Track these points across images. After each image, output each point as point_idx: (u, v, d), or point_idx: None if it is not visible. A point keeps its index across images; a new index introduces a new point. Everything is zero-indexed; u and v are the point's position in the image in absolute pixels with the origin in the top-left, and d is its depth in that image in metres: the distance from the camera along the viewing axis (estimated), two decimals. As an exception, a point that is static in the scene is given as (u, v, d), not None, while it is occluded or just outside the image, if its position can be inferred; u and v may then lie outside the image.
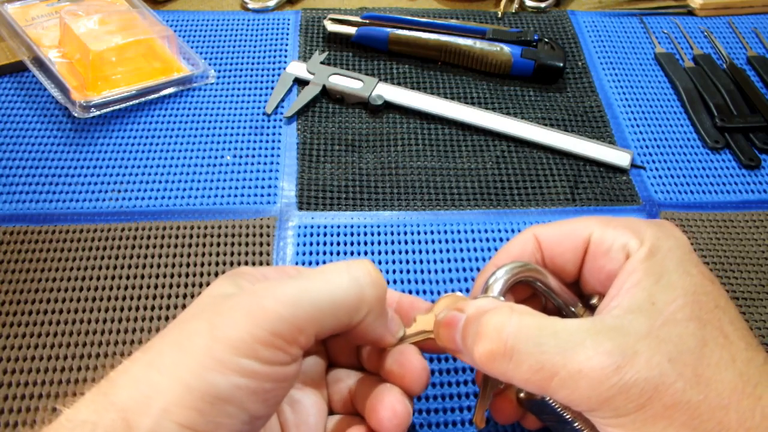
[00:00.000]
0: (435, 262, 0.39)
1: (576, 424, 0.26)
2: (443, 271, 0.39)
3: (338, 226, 0.41)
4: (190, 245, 0.39)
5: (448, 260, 0.39)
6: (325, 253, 0.39)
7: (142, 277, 0.37)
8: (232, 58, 0.52)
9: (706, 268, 0.26)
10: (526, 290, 0.30)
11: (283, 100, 0.48)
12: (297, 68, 0.50)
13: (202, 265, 0.38)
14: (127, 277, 0.37)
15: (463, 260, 0.40)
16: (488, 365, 0.24)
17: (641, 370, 0.21)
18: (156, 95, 0.48)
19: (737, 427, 0.21)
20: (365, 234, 0.40)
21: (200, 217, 0.41)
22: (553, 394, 0.23)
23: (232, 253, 0.39)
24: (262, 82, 0.50)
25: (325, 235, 0.40)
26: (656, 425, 0.21)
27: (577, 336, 0.22)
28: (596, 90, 0.51)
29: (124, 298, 0.36)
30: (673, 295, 0.24)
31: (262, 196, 0.42)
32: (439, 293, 0.38)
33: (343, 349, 0.30)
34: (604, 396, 0.21)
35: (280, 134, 0.46)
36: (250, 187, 0.43)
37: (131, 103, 0.47)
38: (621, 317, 0.23)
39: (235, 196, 0.42)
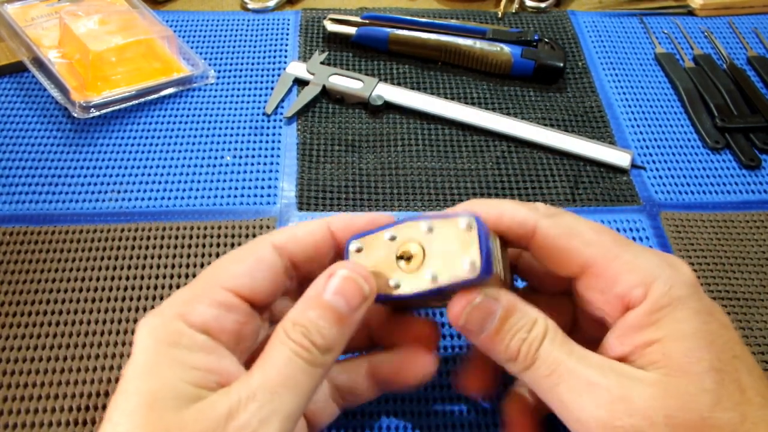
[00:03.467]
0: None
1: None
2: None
3: (338, 227, 0.41)
4: (190, 246, 0.39)
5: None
6: (325, 254, 0.39)
7: (142, 277, 0.37)
8: (232, 59, 0.52)
9: (719, 310, 0.24)
10: None
11: (283, 100, 0.48)
12: (297, 68, 0.50)
13: (202, 266, 0.38)
14: (127, 278, 0.37)
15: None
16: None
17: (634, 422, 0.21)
18: (156, 95, 0.48)
19: None
20: (365, 234, 0.40)
21: (200, 217, 0.41)
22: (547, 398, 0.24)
23: (226, 254, 0.39)
24: (262, 82, 0.50)
25: (325, 235, 0.40)
26: None
27: (588, 377, 0.23)
28: (596, 90, 0.51)
29: (124, 299, 0.36)
30: (689, 346, 0.22)
31: (262, 196, 0.42)
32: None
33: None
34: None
35: (280, 134, 0.46)
36: (250, 188, 0.43)
37: (131, 103, 0.46)
38: (631, 371, 0.23)
39: (235, 196, 0.42)
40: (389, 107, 0.48)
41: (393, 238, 0.26)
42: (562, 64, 0.50)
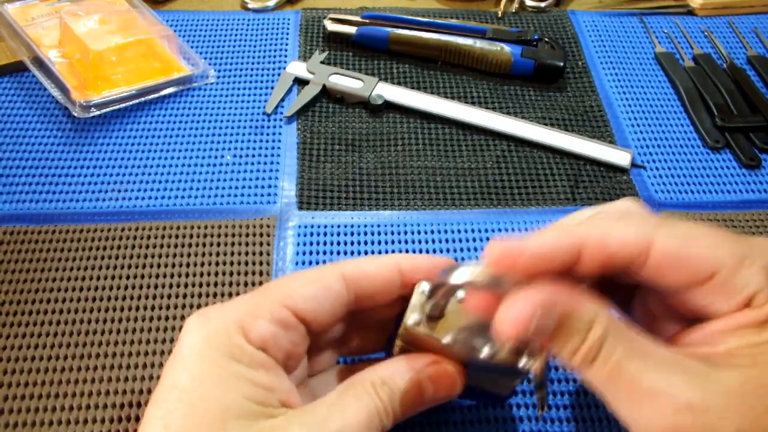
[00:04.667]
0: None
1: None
2: (443, 271, 0.39)
3: (338, 226, 0.41)
4: (190, 245, 0.39)
5: (449, 260, 0.39)
6: (325, 253, 0.39)
7: (142, 277, 0.37)
8: (232, 58, 0.52)
9: None
10: None
11: (283, 99, 0.48)
12: (297, 68, 0.50)
13: (202, 264, 0.38)
14: (127, 277, 0.37)
15: (463, 259, 0.39)
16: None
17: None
18: (156, 95, 0.48)
19: None
20: (365, 234, 0.40)
21: (200, 217, 0.41)
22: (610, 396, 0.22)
23: (233, 253, 0.39)
24: (262, 81, 0.50)
25: (325, 234, 0.40)
26: None
27: (665, 368, 0.21)
28: (596, 89, 0.51)
29: (124, 298, 0.36)
30: None
31: (262, 195, 0.42)
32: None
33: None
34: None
35: (280, 134, 0.46)
36: (250, 187, 0.43)
37: (131, 102, 0.46)
38: (703, 370, 0.21)
39: (235, 195, 0.42)
40: (389, 107, 0.48)
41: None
42: (562, 64, 0.50)
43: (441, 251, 0.40)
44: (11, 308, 0.36)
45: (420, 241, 0.40)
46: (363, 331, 0.29)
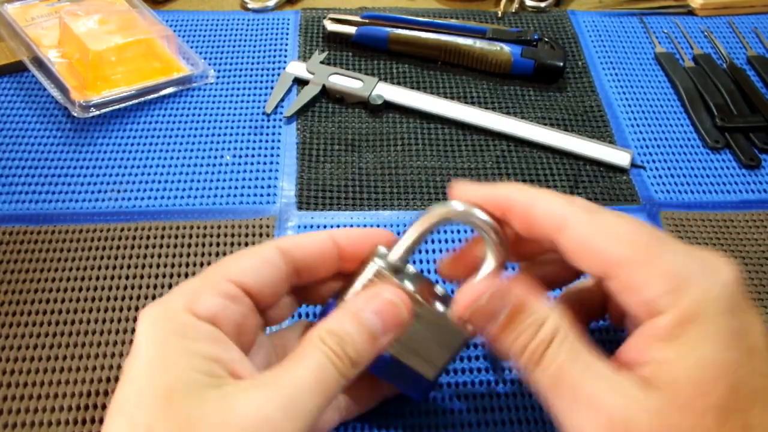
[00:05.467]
0: (435, 261, 0.39)
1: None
2: (443, 271, 0.39)
3: (338, 226, 0.41)
4: (189, 245, 0.39)
5: (448, 260, 0.39)
6: (324, 253, 0.39)
7: (142, 277, 0.37)
8: (231, 58, 0.52)
9: (756, 328, 0.21)
10: None
11: (282, 99, 0.48)
12: (297, 68, 0.50)
13: (202, 265, 0.38)
14: (127, 277, 0.37)
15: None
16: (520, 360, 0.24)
17: None
18: (155, 95, 0.48)
19: None
20: (365, 234, 0.40)
21: (200, 217, 0.41)
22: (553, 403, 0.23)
23: (232, 253, 0.39)
24: (261, 81, 0.50)
25: (324, 235, 0.40)
26: None
27: (597, 386, 0.22)
28: (596, 90, 0.51)
29: (123, 298, 0.36)
30: (700, 376, 0.20)
31: (261, 196, 0.42)
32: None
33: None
34: None
35: (279, 134, 0.46)
36: (249, 187, 0.43)
37: (131, 102, 0.46)
38: (634, 391, 0.21)
39: (235, 196, 0.42)
40: (389, 107, 0.48)
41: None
42: (562, 64, 0.50)
43: (441, 251, 0.40)
44: (11, 308, 0.36)
45: (419, 242, 0.40)
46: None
